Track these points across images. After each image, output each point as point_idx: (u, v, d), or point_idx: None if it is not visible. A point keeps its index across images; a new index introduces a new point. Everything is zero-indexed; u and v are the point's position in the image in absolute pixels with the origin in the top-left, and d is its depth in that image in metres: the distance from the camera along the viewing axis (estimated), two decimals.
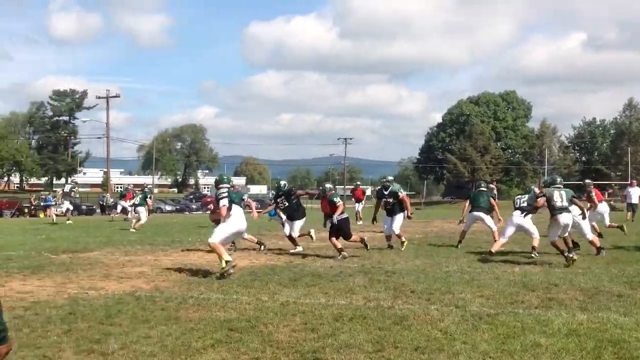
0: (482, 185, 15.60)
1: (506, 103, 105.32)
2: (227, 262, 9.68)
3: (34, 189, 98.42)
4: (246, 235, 11.88)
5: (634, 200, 24.28)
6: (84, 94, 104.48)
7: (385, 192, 14.43)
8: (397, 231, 14.09)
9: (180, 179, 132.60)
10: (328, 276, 9.59)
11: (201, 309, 7.14)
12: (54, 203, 36.11)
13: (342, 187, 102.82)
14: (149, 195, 23.23)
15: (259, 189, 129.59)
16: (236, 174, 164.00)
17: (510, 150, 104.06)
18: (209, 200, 22.21)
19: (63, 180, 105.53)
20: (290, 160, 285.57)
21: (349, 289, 8.47)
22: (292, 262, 11.50)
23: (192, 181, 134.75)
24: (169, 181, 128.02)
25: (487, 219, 14.55)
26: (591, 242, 12.58)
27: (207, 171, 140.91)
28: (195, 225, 23.90)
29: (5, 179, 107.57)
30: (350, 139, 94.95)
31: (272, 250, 13.75)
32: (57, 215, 31.84)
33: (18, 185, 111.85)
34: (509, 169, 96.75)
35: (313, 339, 5.80)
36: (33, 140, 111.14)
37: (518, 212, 12.48)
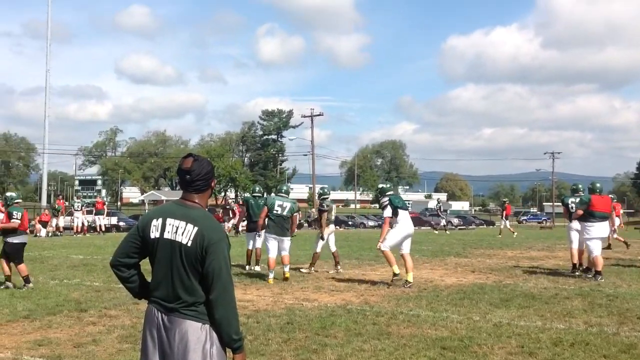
0: None
1: None
2: (395, 274, 10.39)
3: None
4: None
5: None
6: (290, 113, 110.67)
7: None
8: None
9: None
10: (543, 298, 9.13)
11: (412, 326, 7.13)
12: None
13: (551, 204, 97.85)
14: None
15: (461, 206, 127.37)
16: (436, 190, 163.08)
17: None
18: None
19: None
20: (493, 176, 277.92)
21: (567, 312, 7.99)
22: (502, 282, 11.10)
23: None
24: (370, 197, 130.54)
25: None
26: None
27: (407, 187, 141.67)
28: None
29: (222, 194, 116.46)
30: (558, 152, 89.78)
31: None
32: None
33: (233, 200, 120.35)
34: None
35: None
36: (245, 158, 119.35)
37: None
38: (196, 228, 3.02)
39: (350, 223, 56.68)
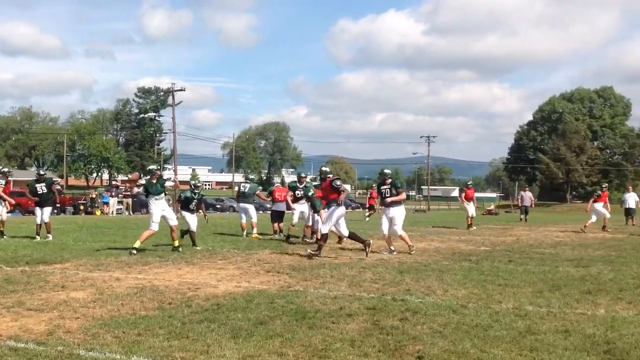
0: None
1: (602, 100, 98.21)
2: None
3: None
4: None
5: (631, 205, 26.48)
6: (168, 91, 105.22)
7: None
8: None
9: (265, 177, 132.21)
10: (316, 316, 6.56)
11: None
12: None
13: (427, 187, 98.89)
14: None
15: None
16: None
17: (608, 151, 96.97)
18: None
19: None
20: (379, 160, 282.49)
21: (325, 346, 5.53)
22: (290, 288, 8.61)
23: (277, 179, 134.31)
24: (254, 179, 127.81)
25: None
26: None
27: (292, 169, 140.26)
28: None
29: (94, 174, 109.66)
30: (434, 136, 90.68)
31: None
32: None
33: (107, 181, 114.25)
34: (607, 171, 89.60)
35: None
36: (120, 137, 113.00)
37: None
38: None
39: (218, 207, 53.58)
